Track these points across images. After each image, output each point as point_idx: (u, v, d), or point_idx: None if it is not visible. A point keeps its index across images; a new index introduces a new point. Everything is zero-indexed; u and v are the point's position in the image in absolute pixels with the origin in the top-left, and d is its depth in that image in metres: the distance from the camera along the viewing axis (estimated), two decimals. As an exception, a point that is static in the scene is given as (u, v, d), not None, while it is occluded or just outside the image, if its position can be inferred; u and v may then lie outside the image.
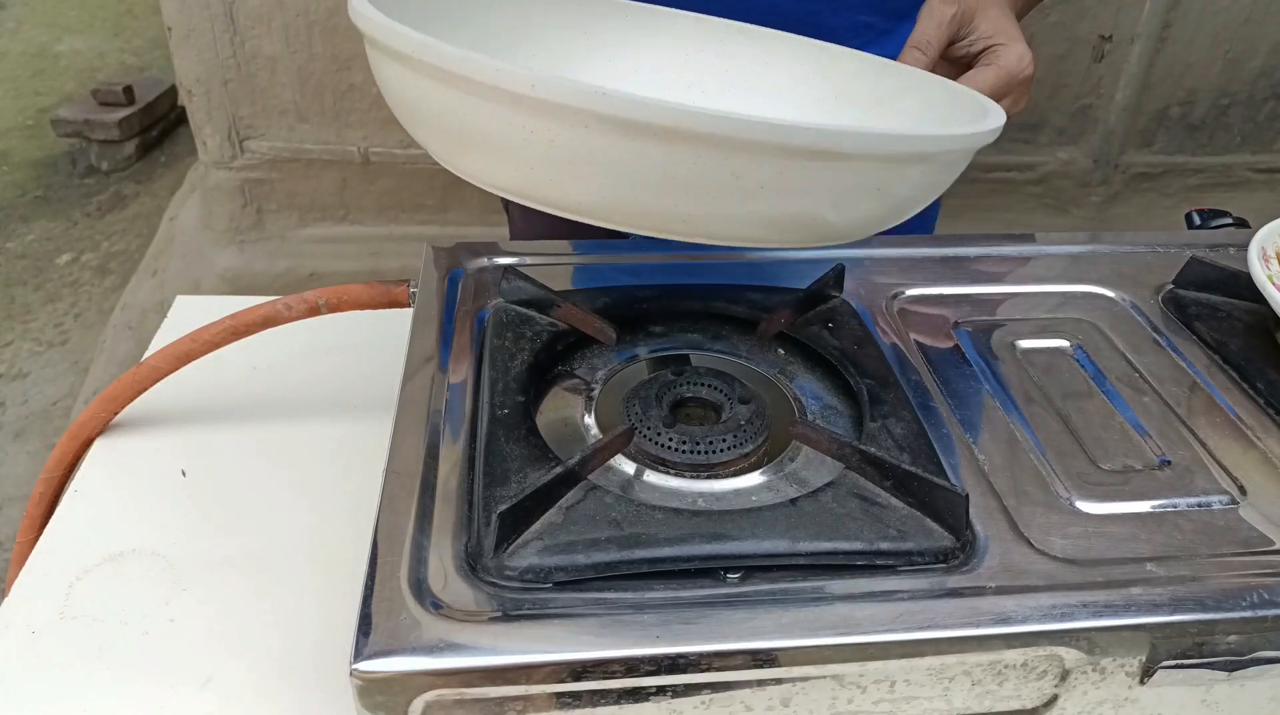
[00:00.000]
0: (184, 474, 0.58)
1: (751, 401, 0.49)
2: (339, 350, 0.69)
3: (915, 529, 0.42)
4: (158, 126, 2.83)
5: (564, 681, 0.37)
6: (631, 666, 0.37)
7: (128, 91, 2.73)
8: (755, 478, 0.47)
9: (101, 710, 0.45)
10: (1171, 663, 0.40)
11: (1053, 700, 0.41)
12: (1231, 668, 0.41)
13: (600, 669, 0.37)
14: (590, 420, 0.50)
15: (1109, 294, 0.62)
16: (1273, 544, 0.44)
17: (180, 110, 2.77)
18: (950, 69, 0.60)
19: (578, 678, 0.37)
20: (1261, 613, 0.40)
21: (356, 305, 0.60)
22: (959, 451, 0.48)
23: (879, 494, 0.43)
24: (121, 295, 2.02)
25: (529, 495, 0.40)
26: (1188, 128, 1.89)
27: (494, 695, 0.37)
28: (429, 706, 0.37)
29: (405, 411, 0.49)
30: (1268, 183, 1.97)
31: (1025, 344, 0.57)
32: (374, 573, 0.39)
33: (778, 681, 0.38)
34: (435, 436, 0.47)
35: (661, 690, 0.38)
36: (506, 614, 0.38)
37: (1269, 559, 0.43)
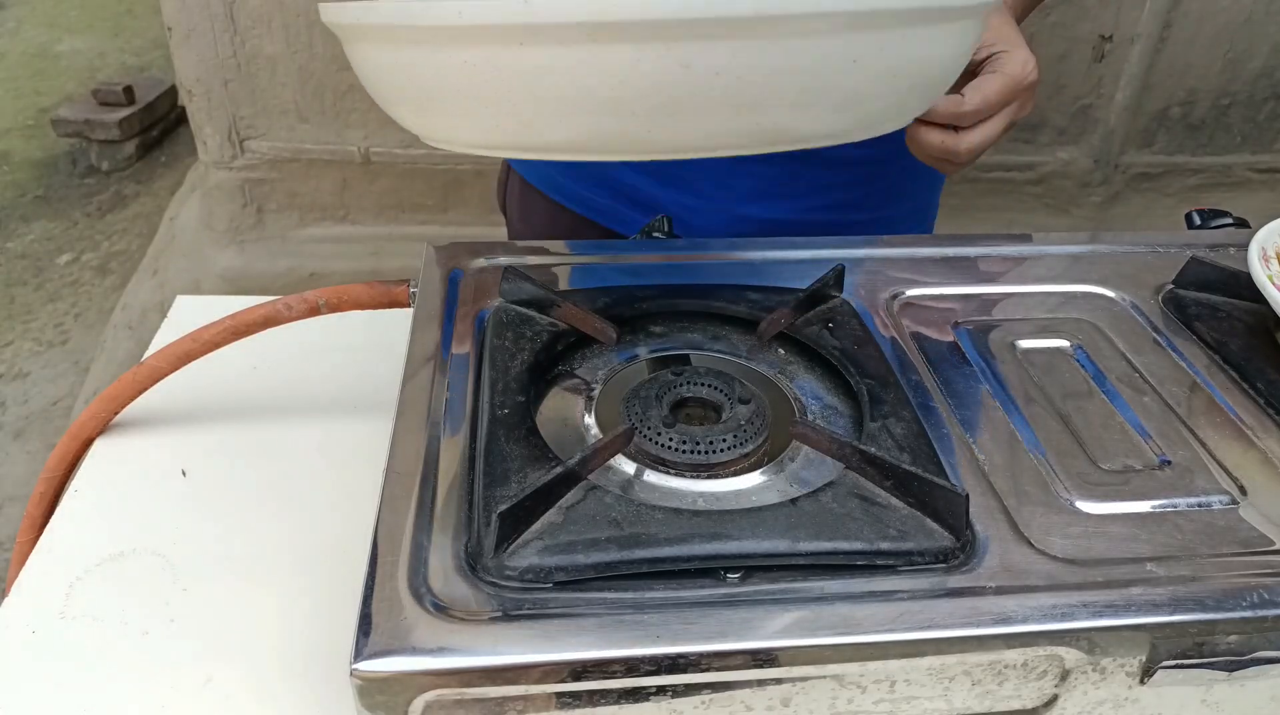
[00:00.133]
0: (184, 474, 0.58)
1: (751, 401, 0.49)
2: (339, 350, 0.69)
3: (915, 529, 0.42)
4: (158, 126, 2.84)
5: (564, 681, 0.37)
6: (631, 666, 0.37)
7: (128, 91, 2.73)
8: (755, 478, 0.47)
9: (101, 710, 0.45)
10: (1171, 663, 0.40)
11: (1053, 700, 0.41)
12: (1231, 668, 0.41)
13: (600, 669, 0.37)
14: (590, 420, 0.50)
15: (1109, 294, 0.62)
16: (1273, 544, 0.44)
17: (180, 110, 2.77)
18: None
19: (578, 678, 0.37)
20: (1261, 613, 0.40)
21: (356, 305, 0.60)
22: (959, 451, 0.48)
23: (879, 494, 0.43)
24: (122, 295, 2.02)
25: (529, 495, 0.40)
26: (1188, 128, 1.89)
27: (494, 695, 0.37)
28: (429, 706, 0.37)
29: (405, 411, 0.49)
30: (1268, 183, 1.97)
31: (1025, 344, 0.57)
32: (374, 573, 0.39)
33: (778, 681, 0.38)
34: (435, 436, 0.47)
35: (661, 690, 0.38)
36: (506, 614, 0.38)
37: (1269, 559, 0.43)
